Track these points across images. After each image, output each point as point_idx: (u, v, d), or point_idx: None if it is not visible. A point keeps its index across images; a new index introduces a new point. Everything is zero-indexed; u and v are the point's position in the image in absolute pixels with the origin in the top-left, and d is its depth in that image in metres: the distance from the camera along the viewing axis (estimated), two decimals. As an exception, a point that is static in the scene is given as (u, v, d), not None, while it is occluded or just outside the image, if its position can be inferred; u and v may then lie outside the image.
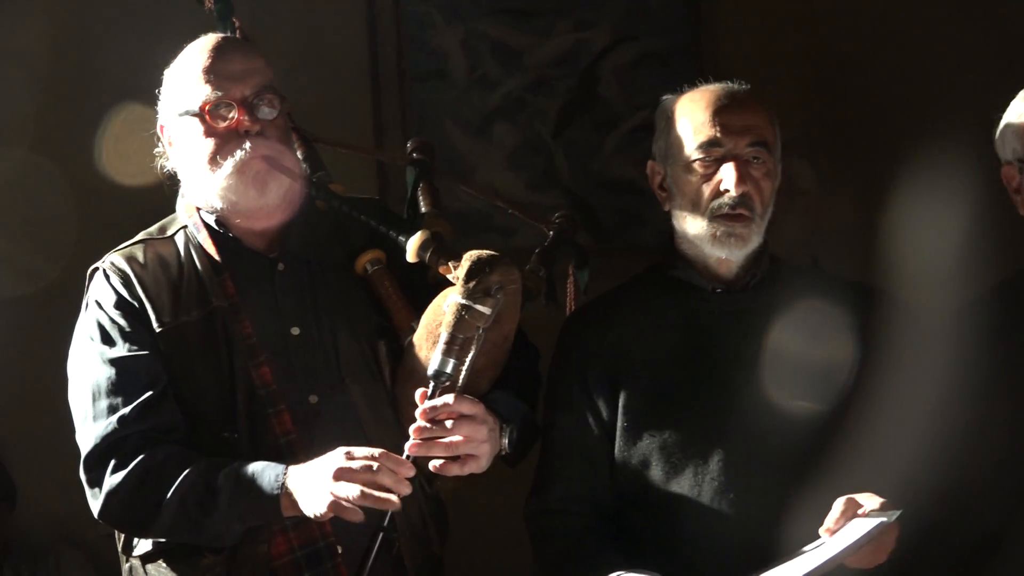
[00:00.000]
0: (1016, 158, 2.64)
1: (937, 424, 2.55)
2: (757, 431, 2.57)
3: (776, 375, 2.60)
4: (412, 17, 4.43)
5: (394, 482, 2.26)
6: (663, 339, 2.66)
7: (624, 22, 4.68)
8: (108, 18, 4.00)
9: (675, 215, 2.69)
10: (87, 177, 3.77)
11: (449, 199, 3.14)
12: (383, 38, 4.38)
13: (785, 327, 2.64)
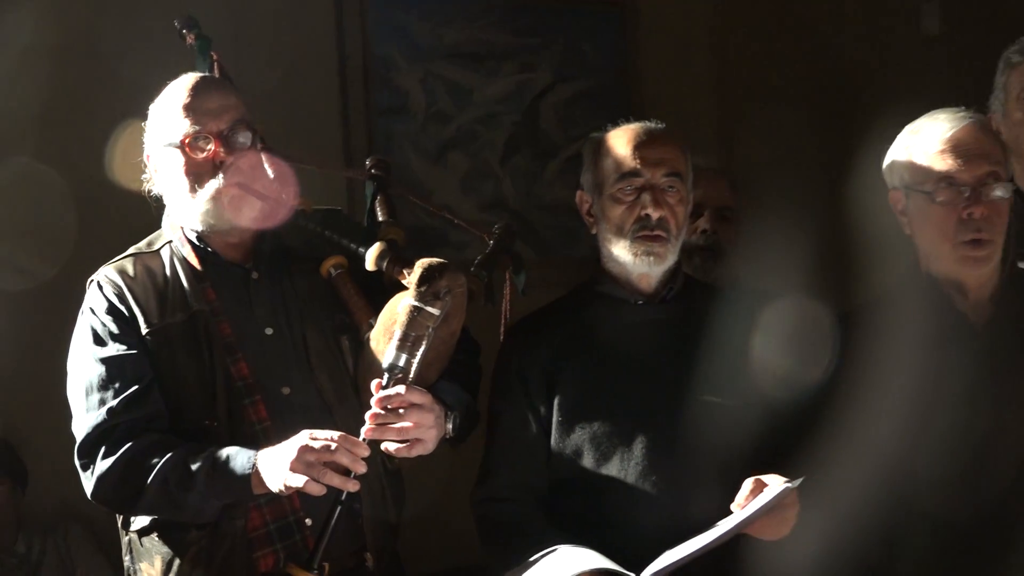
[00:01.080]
0: (903, 185, 2.65)
1: (818, 417, 2.58)
2: (674, 423, 2.57)
3: (689, 374, 2.61)
4: (378, 59, 4.42)
5: (351, 461, 2.27)
6: (592, 345, 2.66)
7: (562, 65, 4.72)
8: (113, 24, 3.95)
9: (601, 238, 2.69)
10: (87, 182, 3.74)
11: (407, 217, 3.14)
12: (352, 77, 4.37)
13: (696, 333, 2.66)
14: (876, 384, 2.61)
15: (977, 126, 2.64)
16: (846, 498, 2.55)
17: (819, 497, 2.48)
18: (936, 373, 2.58)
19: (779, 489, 2.35)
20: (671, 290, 2.70)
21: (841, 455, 2.57)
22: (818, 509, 2.48)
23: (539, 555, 2.46)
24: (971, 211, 2.55)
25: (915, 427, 2.56)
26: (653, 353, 2.64)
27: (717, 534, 2.35)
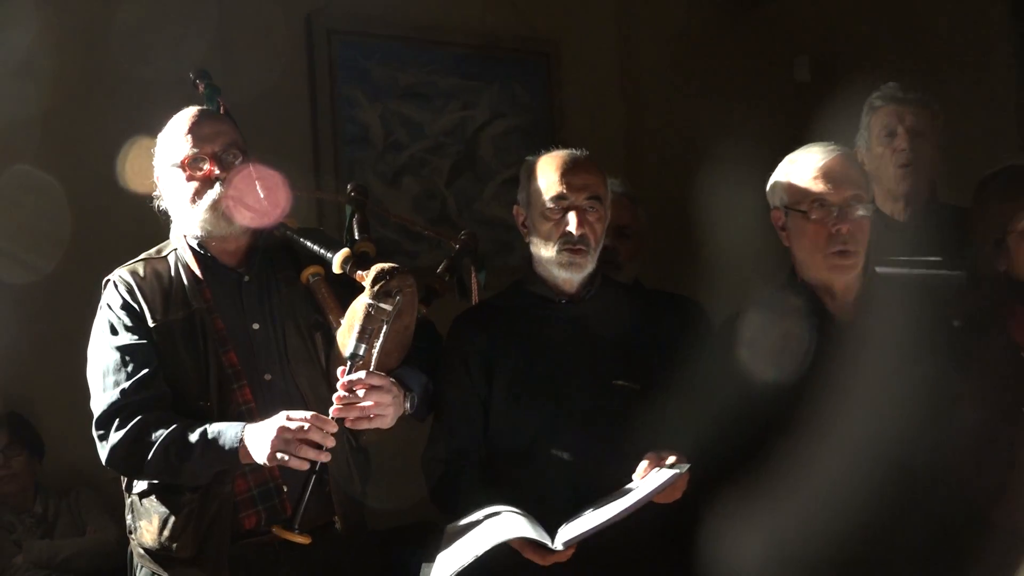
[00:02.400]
0: (783, 205, 2.66)
1: (707, 401, 2.59)
2: (590, 402, 2.59)
3: (603, 361, 2.63)
4: (343, 98, 4.40)
5: (322, 437, 2.30)
6: (524, 336, 2.66)
7: (497, 104, 4.72)
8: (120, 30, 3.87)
9: (533, 247, 2.69)
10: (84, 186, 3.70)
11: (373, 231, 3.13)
12: (322, 113, 4.36)
13: (610, 327, 2.68)
14: (760, 372, 2.61)
15: (844, 157, 2.66)
16: (735, 466, 2.57)
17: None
18: (810, 363, 2.59)
19: (672, 473, 2.38)
20: (590, 291, 2.70)
21: (726, 432, 2.57)
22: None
23: (474, 516, 2.45)
24: (839, 227, 2.57)
25: (792, 408, 2.56)
26: (574, 344, 2.65)
27: (622, 507, 2.34)
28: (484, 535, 2.35)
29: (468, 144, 4.65)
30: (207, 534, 2.43)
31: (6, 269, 3.69)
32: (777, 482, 2.51)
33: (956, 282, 2.84)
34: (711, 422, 2.57)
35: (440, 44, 4.59)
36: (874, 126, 3.36)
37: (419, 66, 4.55)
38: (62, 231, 3.70)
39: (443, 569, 2.34)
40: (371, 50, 4.45)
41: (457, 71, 4.63)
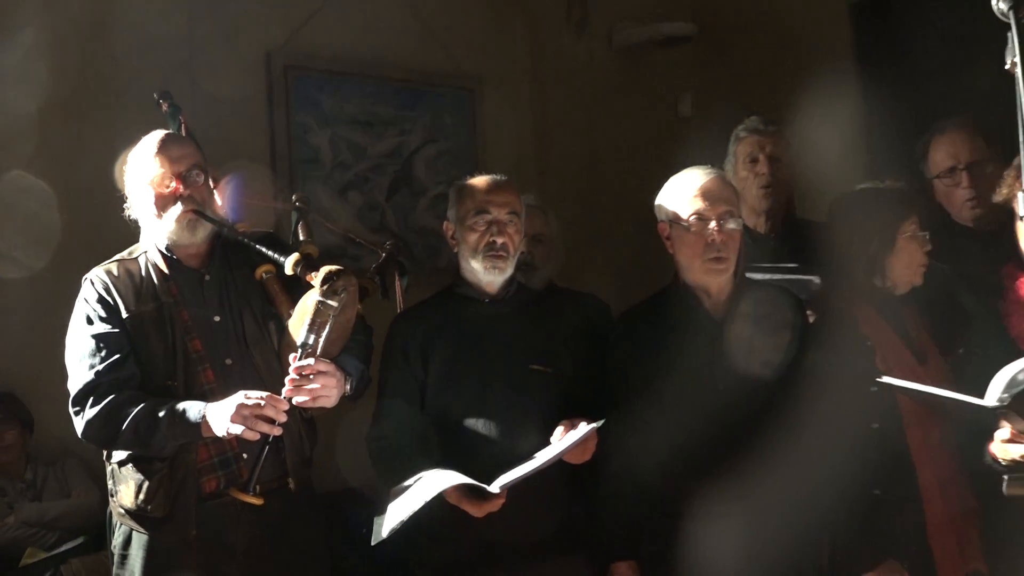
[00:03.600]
0: (668, 219, 2.66)
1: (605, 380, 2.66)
2: (510, 384, 2.58)
3: (521, 350, 2.63)
4: (298, 124, 4.35)
5: (275, 413, 2.29)
6: (454, 329, 2.65)
7: (429, 131, 4.68)
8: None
9: (460, 255, 2.68)
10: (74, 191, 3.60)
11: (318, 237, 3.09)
12: (279, 136, 4.30)
13: (525, 321, 2.68)
14: (648, 359, 2.63)
15: (718, 178, 2.68)
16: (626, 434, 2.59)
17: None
18: (688, 352, 2.61)
19: (585, 430, 2.41)
20: (509, 292, 2.70)
21: (621, 406, 2.59)
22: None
23: (413, 479, 2.43)
24: (714, 238, 2.58)
25: (675, 389, 2.58)
26: (496, 335, 2.64)
27: (544, 459, 2.39)
28: (426, 487, 2.36)
29: (404, 165, 4.61)
30: (176, 497, 2.40)
31: (3, 268, 3.61)
32: (666, 430, 2.54)
33: (811, 284, 2.86)
34: (614, 396, 2.62)
35: (381, 80, 4.55)
36: (740, 153, 3.39)
37: (362, 98, 4.50)
38: (51, 233, 3.60)
39: (393, 519, 2.34)
40: (321, 84, 4.40)
41: (395, 103, 4.59)
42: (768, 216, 3.34)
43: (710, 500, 2.53)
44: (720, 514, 2.53)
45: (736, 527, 2.52)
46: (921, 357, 2.57)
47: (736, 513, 2.53)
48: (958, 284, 2.71)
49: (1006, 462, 2.24)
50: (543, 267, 3.26)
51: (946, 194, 3.14)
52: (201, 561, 2.42)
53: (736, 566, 2.51)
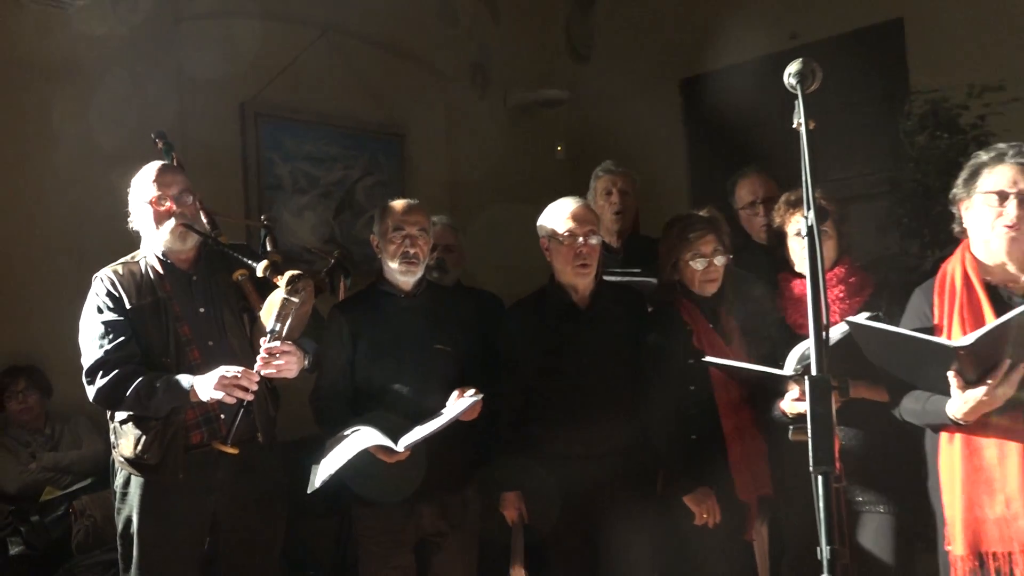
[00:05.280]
0: (547, 236, 2.67)
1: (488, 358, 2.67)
2: (419, 359, 2.56)
3: (428, 333, 2.60)
4: (266, 159, 4.23)
5: (248, 383, 2.26)
6: (378, 318, 2.60)
7: (367, 166, 4.61)
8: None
9: (383, 260, 2.64)
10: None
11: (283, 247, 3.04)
12: (250, 168, 4.18)
13: (433, 310, 2.65)
14: (532, 339, 2.64)
15: (584, 205, 2.71)
16: (514, 395, 2.62)
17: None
18: (561, 334, 2.63)
19: (471, 400, 2.41)
20: (420, 289, 2.66)
21: (511, 375, 2.62)
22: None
23: (344, 432, 2.42)
24: (581, 249, 2.61)
25: (552, 362, 2.60)
26: (409, 322, 2.60)
27: (441, 422, 2.36)
28: (351, 445, 2.34)
29: (348, 192, 4.52)
30: (168, 447, 2.34)
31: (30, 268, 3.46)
32: (545, 392, 2.58)
33: (649, 286, 2.91)
34: (506, 367, 2.63)
35: (331, 126, 4.46)
36: (598, 188, 3.42)
37: (316, 139, 4.41)
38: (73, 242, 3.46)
39: (324, 471, 2.32)
40: (285, 128, 4.29)
41: (341, 144, 4.50)
42: (619, 234, 3.38)
43: (577, 443, 2.57)
44: (583, 454, 2.57)
45: (596, 463, 2.56)
46: (728, 339, 2.60)
47: (596, 454, 2.57)
48: (754, 286, 2.78)
49: (792, 415, 2.30)
50: (453, 270, 3.25)
51: (747, 221, 3.22)
52: (186, 497, 2.36)
53: (595, 494, 2.56)
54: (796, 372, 2.20)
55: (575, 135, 5.39)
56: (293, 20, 4.27)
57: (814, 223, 1.50)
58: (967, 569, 1.96)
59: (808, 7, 4.56)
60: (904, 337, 1.97)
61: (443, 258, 3.20)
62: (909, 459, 2.20)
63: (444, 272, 3.19)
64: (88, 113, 3.56)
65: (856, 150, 4.30)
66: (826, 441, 1.36)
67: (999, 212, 2.02)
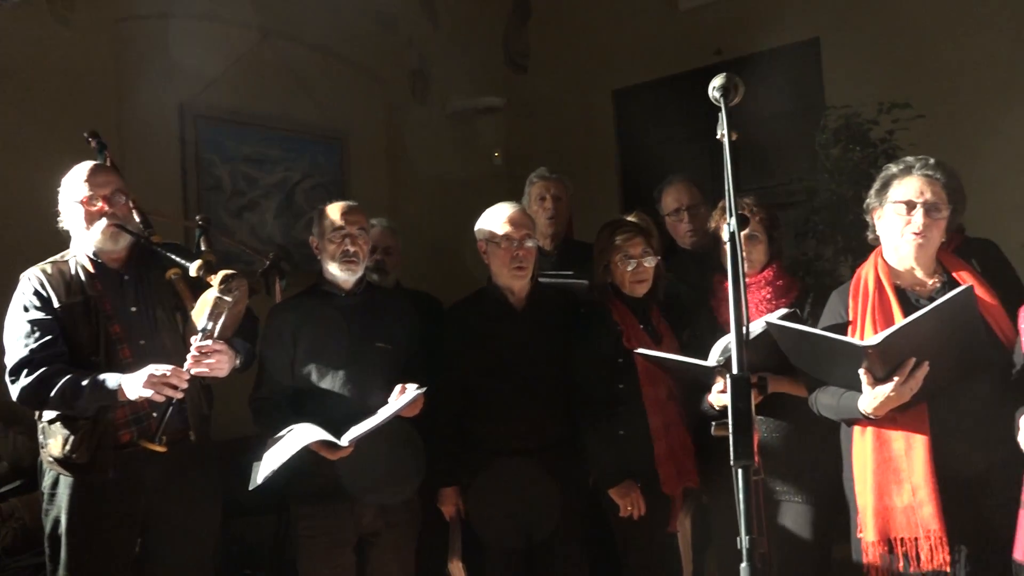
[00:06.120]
0: (485, 239, 2.67)
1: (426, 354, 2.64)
2: (363, 357, 2.51)
3: (369, 332, 2.56)
4: (205, 160, 4.10)
5: (178, 381, 2.18)
6: (318, 317, 2.54)
7: (308, 169, 4.51)
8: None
9: (323, 261, 2.59)
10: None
11: (219, 248, 2.95)
12: (189, 169, 4.05)
13: (374, 309, 2.61)
14: (470, 338, 2.63)
15: (520, 210, 2.72)
16: (452, 392, 2.59)
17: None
18: (498, 333, 2.62)
19: (414, 393, 2.37)
20: (360, 288, 2.62)
21: (449, 373, 2.60)
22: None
23: (285, 430, 2.36)
24: (517, 252, 2.61)
25: (489, 359, 2.60)
26: (350, 321, 2.55)
27: (383, 416, 2.33)
28: (293, 442, 2.28)
29: (288, 194, 4.42)
30: (97, 447, 2.24)
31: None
32: (484, 388, 2.57)
33: (582, 288, 2.92)
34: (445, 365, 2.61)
35: (271, 128, 4.34)
36: (533, 193, 3.42)
37: (256, 142, 4.29)
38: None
39: (267, 467, 2.26)
40: (224, 129, 4.17)
41: (282, 147, 4.39)
42: (553, 238, 3.38)
43: (512, 439, 2.57)
44: (518, 450, 2.57)
45: (530, 459, 2.56)
46: (657, 339, 2.62)
47: (530, 449, 2.57)
48: (679, 288, 2.82)
49: (718, 407, 2.33)
50: (392, 272, 3.22)
51: (673, 227, 3.25)
52: (116, 497, 2.26)
53: (530, 488, 2.55)
54: (719, 363, 2.23)
55: (511, 142, 5.39)
56: (234, 23, 4.17)
57: (735, 229, 1.52)
58: (877, 554, 2.02)
59: (732, 25, 4.65)
60: (818, 336, 2.01)
61: (383, 260, 3.16)
62: (828, 451, 2.24)
63: (384, 274, 3.15)
64: (21, 113, 3.41)
65: (776, 161, 4.41)
66: (746, 436, 1.37)
67: (907, 220, 2.08)
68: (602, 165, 5.17)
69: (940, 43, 4.03)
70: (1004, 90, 3.84)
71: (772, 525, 2.39)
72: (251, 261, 3.27)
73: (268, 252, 3.10)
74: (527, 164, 3.73)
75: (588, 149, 5.14)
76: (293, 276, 3.07)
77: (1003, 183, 3.71)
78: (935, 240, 2.10)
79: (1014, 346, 1.97)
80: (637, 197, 4.59)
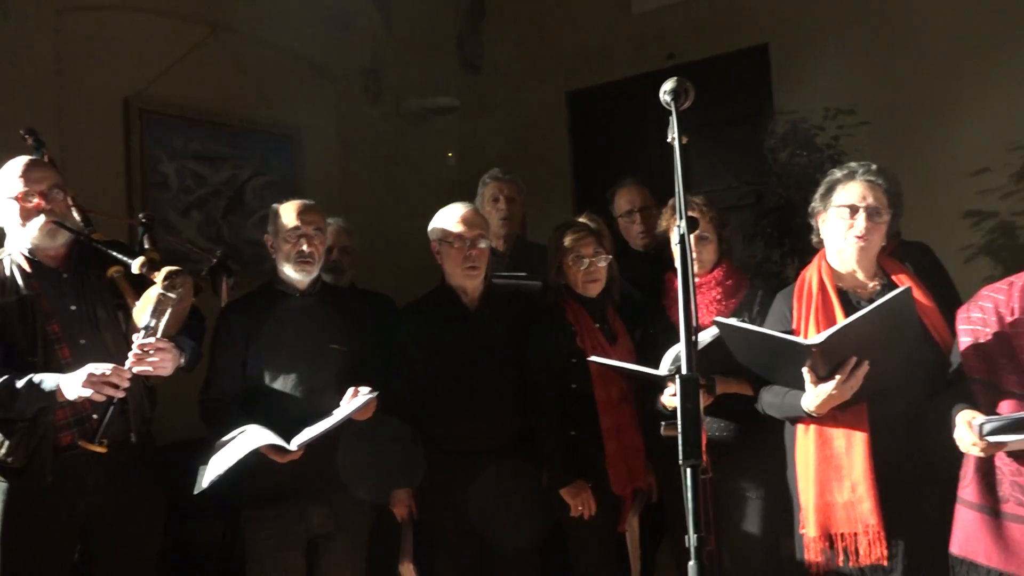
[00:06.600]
0: (438, 239, 2.66)
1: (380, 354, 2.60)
2: (316, 358, 2.49)
3: (323, 332, 2.54)
4: (151, 156, 3.98)
5: (119, 380, 2.13)
6: (272, 317, 2.51)
7: (258, 167, 4.43)
8: None
9: (278, 260, 2.56)
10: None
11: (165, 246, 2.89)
12: (134, 165, 3.92)
13: (328, 310, 2.58)
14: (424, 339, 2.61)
15: (474, 210, 2.71)
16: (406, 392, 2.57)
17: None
18: (450, 338, 2.62)
19: (365, 398, 2.36)
20: (315, 288, 2.60)
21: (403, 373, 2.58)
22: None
23: (235, 432, 2.32)
24: (470, 253, 2.61)
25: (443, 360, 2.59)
26: (304, 321, 2.53)
27: (334, 421, 2.31)
28: (241, 445, 2.24)
29: (237, 191, 4.33)
30: (35, 450, 2.17)
31: None
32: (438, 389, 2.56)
33: (535, 289, 2.93)
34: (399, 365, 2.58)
35: (220, 125, 4.25)
36: (486, 194, 3.42)
37: (204, 138, 4.20)
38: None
39: (214, 470, 2.21)
40: (171, 126, 4.07)
41: (231, 144, 4.31)
42: (506, 239, 3.39)
43: (465, 440, 2.56)
44: (471, 450, 2.56)
45: (483, 459, 2.55)
46: (612, 338, 2.65)
47: (483, 450, 2.57)
48: (631, 288, 2.85)
49: (670, 409, 2.36)
50: (348, 271, 3.19)
51: (625, 229, 3.28)
52: (55, 501, 2.20)
53: (482, 489, 2.54)
54: (670, 372, 2.26)
55: (465, 143, 5.39)
56: (181, 16, 4.08)
57: (685, 231, 1.54)
58: (818, 549, 2.07)
59: (684, 30, 4.73)
60: (764, 336, 2.06)
61: (338, 260, 3.14)
62: (775, 450, 2.29)
63: (339, 274, 3.13)
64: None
65: (725, 164, 4.49)
66: (694, 435, 1.39)
67: (850, 224, 2.15)
68: (556, 166, 5.20)
69: (884, 52, 4.15)
70: (944, 99, 3.97)
71: (724, 522, 2.43)
72: (198, 260, 3.21)
73: (215, 250, 3.06)
74: (481, 165, 3.73)
75: (542, 150, 5.17)
76: (241, 275, 3.02)
77: (942, 189, 3.84)
78: (876, 243, 2.17)
79: (950, 347, 2.04)
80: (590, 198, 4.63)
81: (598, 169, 5.03)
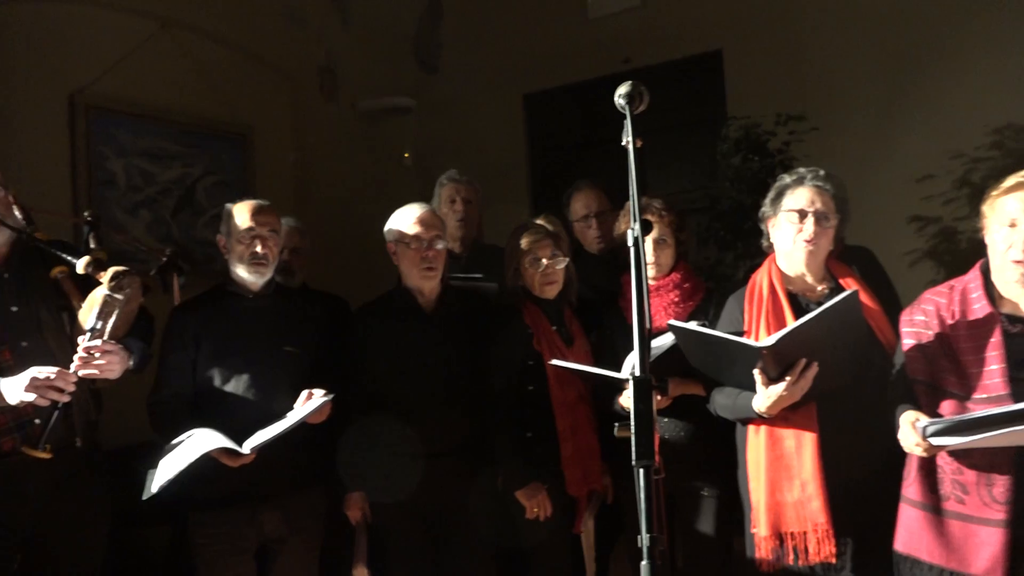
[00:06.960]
0: (394, 240, 2.64)
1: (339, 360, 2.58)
2: (269, 361, 2.46)
3: (276, 335, 2.51)
4: (98, 153, 3.88)
5: (64, 384, 2.07)
6: (224, 319, 2.48)
7: (209, 165, 4.35)
8: None
9: (231, 261, 2.52)
10: None
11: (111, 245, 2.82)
12: (80, 163, 3.82)
13: (281, 312, 2.56)
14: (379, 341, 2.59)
15: (430, 211, 2.69)
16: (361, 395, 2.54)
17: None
18: (406, 340, 2.60)
19: (321, 400, 2.33)
20: (269, 289, 2.57)
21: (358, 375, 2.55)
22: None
23: (185, 436, 2.27)
24: (427, 254, 2.60)
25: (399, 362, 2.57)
26: (257, 323, 2.49)
27: (289, 422, 2.28)
28: (192, 449, 2.20)
29: (187, 190, 4.24)
30: None
31: None
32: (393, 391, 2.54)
33: (492, 291, 2.93)
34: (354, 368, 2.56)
35: (170, 123, 4.17)
36: (443, 196, 3.41)
37: (153, 135, 4.11)
38: None
39: (163, 475, 2.17)
40: (119, 122, 3.97)
41: (182, 141, 4.23)
42: (463, 241, 3.38)
43: (420, 442, 2.54)
44: (426, 453, 2.55)
45: (438, 462, 2.55)
46: (569, 340, 2.66)
47: (438, 452, 2.55)
48: (587, 291, 2.87)
49: (627, 411, 2.39)
50: (299, 272, 3.16)
51: (581, 233, 3.27)
52: (-4, 510, 2.12)
53: (437, 492, 2.54)
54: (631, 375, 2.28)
55: (421, 143, 5.38)
56: (129, 9, 3.99)
57: (639, 234, 1.56)
58: (769, 548, 2.11)
59: (640, 35, 4.78)
60: (717, 338, 2.10)
61: (289, 261, 3.10)
62: (728, 450, 2.33)
63: (290, 275, 3.09)
64: None
65: (679, 168, 4.55)
66: (647, 436, 1.41)
67: (799, 228, 2.20)
68: (512, 168, 5.22)
69: (834, 59, 4.26)
70: (891, 106, 4.09)
71: (678, 521, 2.46)
72: (146, 259, 3.15)
73: (165, 249, 2.99)
74: (437, 166, 3.73)
75: (498, 152, 5.18)
76: (192, 275, 2.97)
77: (888, 195, 3.95)
78: (824, 247, 2.22)
79: (894, 348, 2.10)
80: (547, 200, 4.66)
81: (554, 171, 5.06)
